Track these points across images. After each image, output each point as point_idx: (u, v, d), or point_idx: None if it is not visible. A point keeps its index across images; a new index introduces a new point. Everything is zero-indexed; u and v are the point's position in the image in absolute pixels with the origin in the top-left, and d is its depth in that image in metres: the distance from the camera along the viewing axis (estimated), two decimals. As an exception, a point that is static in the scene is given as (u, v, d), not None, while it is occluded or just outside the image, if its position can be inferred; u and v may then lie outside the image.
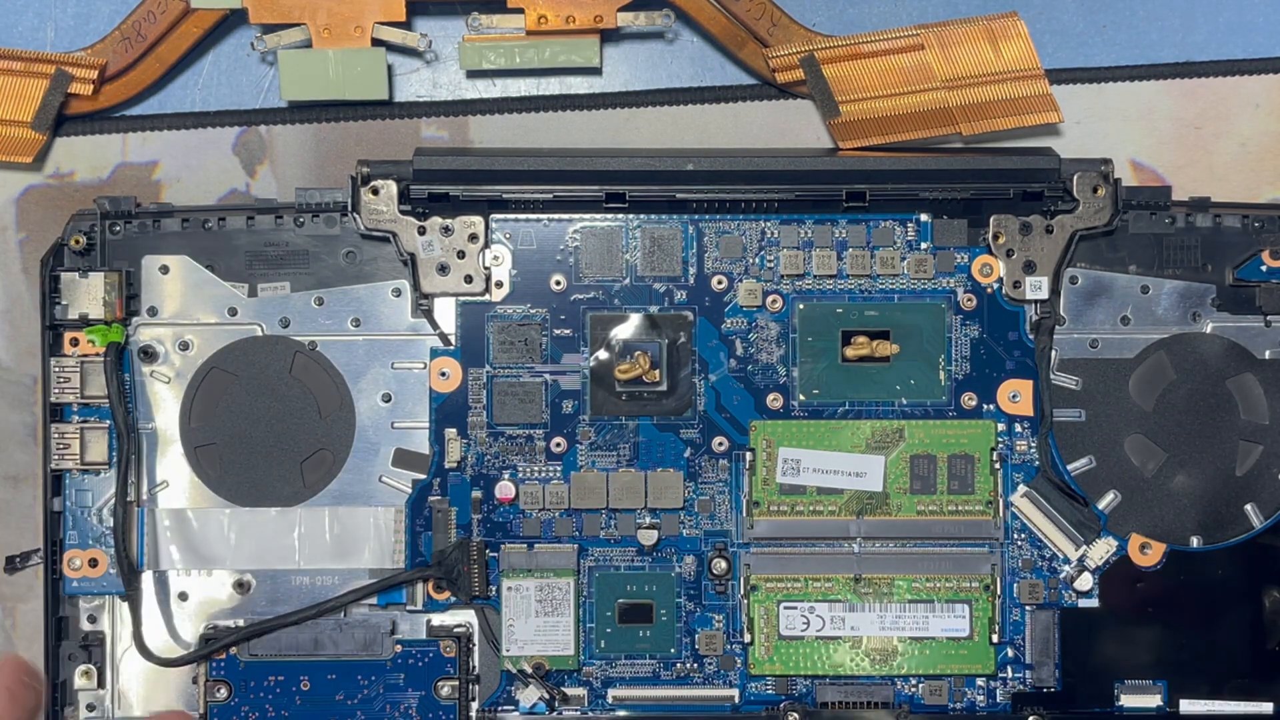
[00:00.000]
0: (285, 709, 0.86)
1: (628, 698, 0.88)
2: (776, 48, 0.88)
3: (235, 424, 0.86)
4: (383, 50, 0.88)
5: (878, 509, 0.87)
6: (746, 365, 0.87)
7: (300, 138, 0.91)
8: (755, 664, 0.87)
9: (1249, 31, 0.92)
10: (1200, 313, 0.87)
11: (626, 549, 0.87)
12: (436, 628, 0.87)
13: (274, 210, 0.87)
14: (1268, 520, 0.87)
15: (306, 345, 0.87)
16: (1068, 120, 0.90)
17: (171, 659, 0.86)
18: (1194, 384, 0.87)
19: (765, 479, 0.87)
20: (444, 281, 0.86)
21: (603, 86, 0.92)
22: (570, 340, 0.87)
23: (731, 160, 0.85)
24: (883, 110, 0.88)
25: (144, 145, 0.91)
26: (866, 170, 0.86)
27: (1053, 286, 0.86)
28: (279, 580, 0.87)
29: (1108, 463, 0.87)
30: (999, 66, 0.87)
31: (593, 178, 0.85)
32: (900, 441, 0.87)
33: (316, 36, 0.87)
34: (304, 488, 0.87)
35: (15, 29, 0.91)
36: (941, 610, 0.87)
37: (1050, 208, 0.86)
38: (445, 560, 0.86)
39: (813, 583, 0.87)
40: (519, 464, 0.87)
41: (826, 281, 0.87)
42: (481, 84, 0.92)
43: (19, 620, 0.91)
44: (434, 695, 0.87)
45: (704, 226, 0.87)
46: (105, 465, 0.86)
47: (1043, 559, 0.87)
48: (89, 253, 0.86)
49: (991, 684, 0.88)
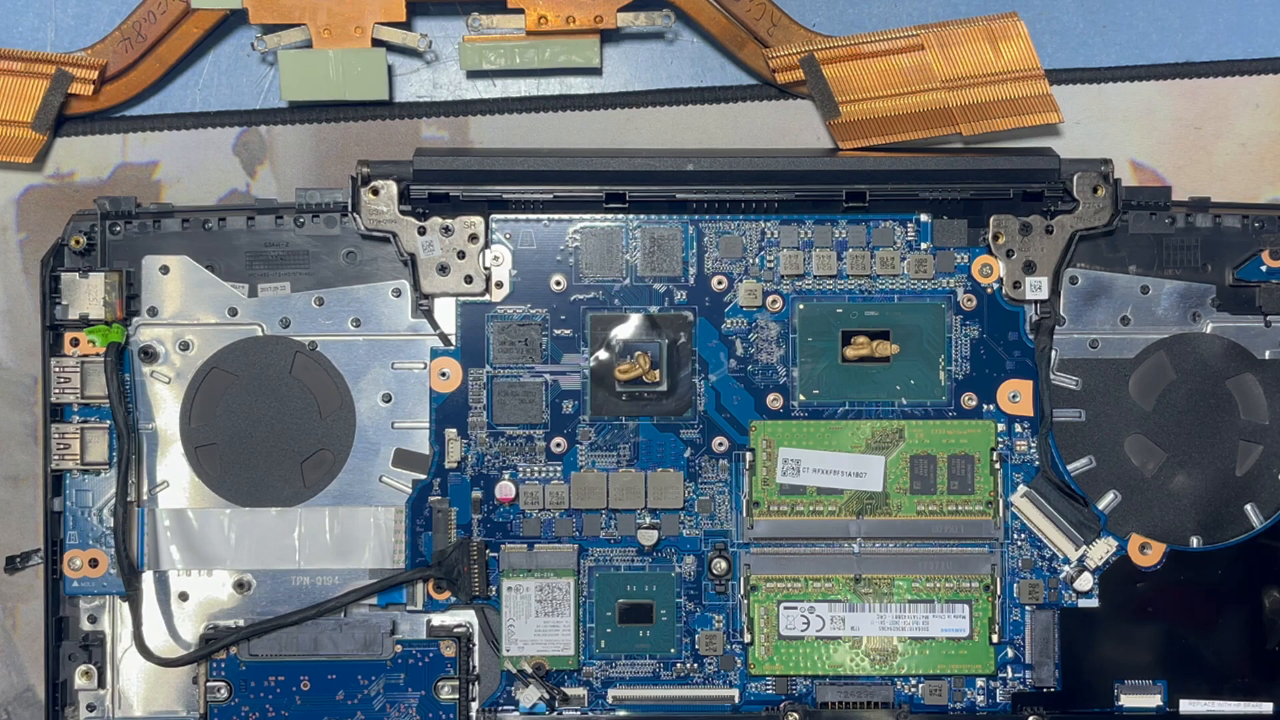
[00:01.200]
0: (285, 709, 0.86)
1: (628, 698, 0.88)
2: (776, 48, 0.88)
3: (235, 424, 0.87)
4: (383, 50, 0.88)
5: (878, 509, 0.87)
6: (746, 365, 0.87)
7: (300, 138, 0.91)
8: (755, 664, 0.87)
9: (1249, 31, 0.92)
10: (1200, 313, 0.87)
11: (626, 549, 0.87)
12: (436, 628, 0.87)
13: (274, 210, 0.87)
14: (1268, 520, 0.87)
15: (307, 345, 0.87)
16: (1068, 120, 0.90)
17: (171, 659, 0.86)
18: (1194, 384, 0.87)
19: (765, 479, 0.87)
20: (444, 281, 0.86)
21: (603, 87, 0.92)
22: (570, 340, 0.87)
23: (731, 160, 0.85)
24: (883, 110, 0.88)
25: (144, 145, 0.91)
26: (866, 170, 0.86)
27: (1053, 287, 0.86)
28: (279, 580, 0.87)
29: (1108, 463, 0.87)
30: (999, 67, 0.87)
31: (593, 178, 0.85)
32: (900, 442, 0.87)
33: (316, 37, 0.87)
34: (304, 488, 0.87)
35: (15, 29, 0.91)
36: (941, 610, 0.87)
37: (1050, 208, 0.86)
38: (445, 560, 0.86)
39: (813, 583, 0.87)
40: (519, 464, 0.87)
41: (826, 282, 0.87)
42: (481, 84, 0.92)
43: (19, 620, 0.91)
44: (434, 695, 0.87)
45: (704, 227, 0.87)
46: (105, 465, 0.86)
47: (1043, 559, 0.87)
48: (89, 253, 0.86)
49: (991, 684, 0.88)
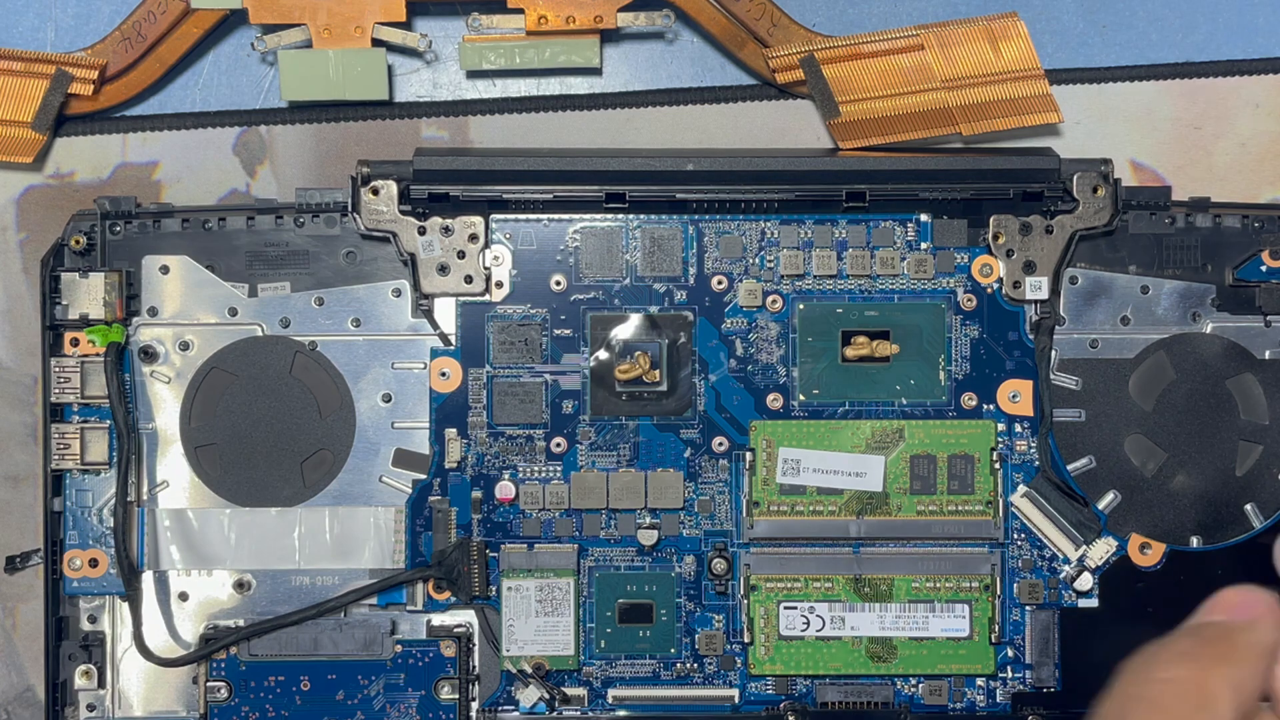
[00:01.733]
0: (285, 709, 0.86)
1: (628, 698, 0.88)
2: (776, 48, 0.88)
3: (235, 424, 0.86)
4: (383, 50, 0.88)
5: (878, 509, 0.87)
6: (746, 365, 0.87)
7: (300, 138, 0.91)
8: (755, 664, 0.87)
9: (1249, 31, 0.92)
10: (1200, 313, 0.87)
11: (626, 549, 0.87)
12: (436, 628, 0.87)
13: (274, 210, 0.86)
14: (1268, 520, 0.87)
15: (307, 345, 0.87)
16: (1068, 120, 0.90)
17: (171, 659, 0.86)
18: (1194, 384, 0.87)
19: (765, 479, 0.87)
20: (444, 281, 0.86)
21: (603, 87, 0.92)
22: (570, 340, 0.87)
23: (731, 160, 0.85)
24: (883, 110, 0.88)
25: (144, 145, 0.91)
26: (866, 170, 0.86)
27: (1053, 286, 0.86)
28: (279, 580, 0.87)
29: (1108, 463, 0.87)
30: (999, 66, 0.87)
31: (593, 178, 0.85)
32: (900, 441, 0.87)
33: (316, 36, 0.87)
34: (304, 488, 0.87)
35: (15, 29, 0.91)
36: (941, 610, 0.87)
37: (1050, 208, 0.86)
38: (445, 560, 0.86)
39: (813, 583, 0.87)
40: (519, 464, 0.87)
41: (826, 281, 0.87)
42: (481, 84, 0.92)
43: (19, 620, 0.91)
44: (434, 695, 0.87)
45: (704, 226, 0.87)
46: (105, 465, 0.86)
47: (1043, 559, 0.87)
48: (89, 253, 0.86)
49: (991, 684, 0.88)
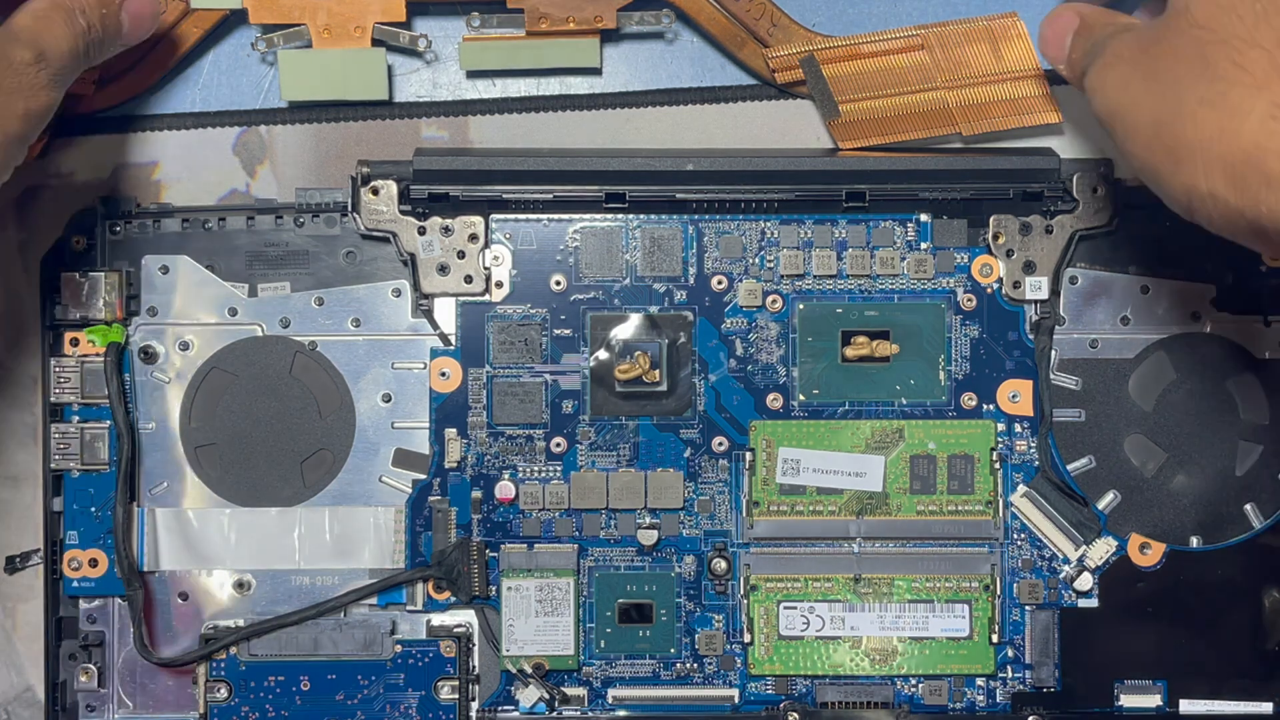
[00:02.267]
0: (285, 709, 0.86)
1: (628, 698, 0.88)
2: (776, 48, 0.88)
3: (235, 424, 0.86)
4: (383, 50, 0.88)
5: (878, 509, 0.87)
6: (746, 365, 0.87)
7: (300, 138, 0.91)
8: (755, 664, 0.87)
9: (1249, 31, 0.92)
10: (1200, 313, 0.87)
11: (626, 549, 0.87)
12: (436, 628, 0.87)
13: (274, 210, 0.87)
14: (1268, 520, 0.87)
15: (306, 345, 0.87)
16: (1068, 120, 0.90)
17: (171, 659, 0.86)
18: (1194, 384, 0.87)
19: (765, 479, 0.87)
20: (444, 281, 0.86)
21: (603, 87, 0.92)
22: (570, 340, 0.87)
23: (731, 160, 0.85)
24: (883, 110, 0.88)
25: (144, 145, 0.90)
26: (866, 170, 0.86)
27: (1052, 286, 0.86)
28: (279, 580, 0.87)
29: (1108, 463, 0.87)
30: (999, 66, 0.87)
31: (593, 178, 0.85)
32: (900, 441, 0.87)
33: (316, 36, 0.87)
34: (304, 488, 0.87)
35: (15, 29, 0.91)
36: (941, 610, 0.87)
37: (1050, 208, 0.86)
38: (445, 560, 0.86)
39: (813, 583, 0.87)
40: (519, 464, 0.87)
41: (826, 281, 0.87)
42: (481, 84, 0.92)
43: (19, 620, 0.91)
44: (434, 695, 0.87)
45: (704, 226, 0.87)
46: (105, 465, 0.86)
47: (1042, 559, 0.87)
48: (89, 253, 0.86)
49: (991, 684, 0.88)
